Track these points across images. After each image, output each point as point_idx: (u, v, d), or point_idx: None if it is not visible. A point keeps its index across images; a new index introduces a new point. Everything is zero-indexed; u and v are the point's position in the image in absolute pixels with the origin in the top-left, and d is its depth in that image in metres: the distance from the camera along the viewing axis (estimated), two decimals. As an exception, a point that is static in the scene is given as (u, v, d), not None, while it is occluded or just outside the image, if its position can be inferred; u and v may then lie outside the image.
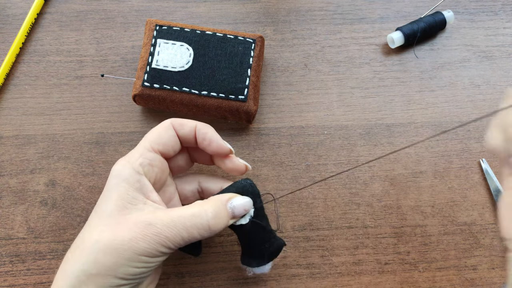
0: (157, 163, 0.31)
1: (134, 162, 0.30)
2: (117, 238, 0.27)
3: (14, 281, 0.37)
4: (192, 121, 0.33)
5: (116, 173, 0.30)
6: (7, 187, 0.40)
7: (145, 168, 0.30)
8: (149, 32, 0.41)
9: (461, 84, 0.45)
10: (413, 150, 0.42)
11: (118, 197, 0.29)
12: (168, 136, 0.32)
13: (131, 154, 0.31)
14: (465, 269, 0.38)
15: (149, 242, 0.27)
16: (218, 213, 0.29)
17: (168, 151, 0.32)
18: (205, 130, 0.33)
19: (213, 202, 0.30)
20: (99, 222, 0.28)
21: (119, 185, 0.29)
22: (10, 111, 0.43)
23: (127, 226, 0.27)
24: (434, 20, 0.46)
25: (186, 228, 0.28)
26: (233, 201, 0.30)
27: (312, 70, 0.46)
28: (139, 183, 0.29)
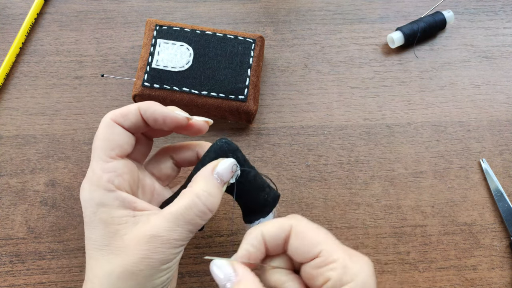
0: (123, 169, 0.28)
1: (100, 181, 0.27)
2: (128, 262, 0.26)
3: (14, 281, 0.37)
4: (132, 105, 0.29)
5: (86, 199, 0.27)
6: (7, 187, 0.40)
7: (115, 182, 0.27)
8: (149, 32, 0.41)
9: (461, 84, 0.45)
10: (413, 150, 0.42)
11: (104, 224, 0.27)
12: (117, 135, 0.28)
13: (91, 173, 0.28)
14: (465, 269, 0.38)
15: (162, 252, 0.26)
16: (209, 191, 0.28)
17: (125, 150, 0.29)
18: (151, 110, 0.29)
19: (200, 183, 0.28)
20: (100, 253, 0.27)
21: (98, 212, 0.27)
22: (10, 111, 0.43)
23: (131, 248, 0.26)
24: (434, 20, 0.46)
25: (188, 221, 0.27)
26: (217, 170, 0.28)
27: (312, 70, 0.46)
28: (118, 200, 0.27)
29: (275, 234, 0.27)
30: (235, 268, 0.27)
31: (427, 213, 0.40)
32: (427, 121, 0.44)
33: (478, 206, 0.41)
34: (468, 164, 0.42)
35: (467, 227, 0.40)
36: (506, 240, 0.39)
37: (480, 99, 0.45)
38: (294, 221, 0.27)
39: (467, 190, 0.41)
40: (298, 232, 0.27)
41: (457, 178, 0.41)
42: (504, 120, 0.44)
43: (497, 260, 0.39)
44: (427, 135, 0.43)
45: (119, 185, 0.28)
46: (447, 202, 0.41)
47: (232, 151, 0.30)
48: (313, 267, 0.26)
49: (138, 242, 0.26)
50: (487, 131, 0.43)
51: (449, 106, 0.44)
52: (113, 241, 0.26)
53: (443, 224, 0.40)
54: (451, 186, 0.41)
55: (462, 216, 0.40)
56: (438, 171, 0.42)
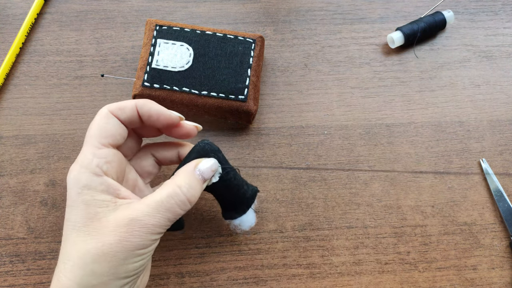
0: (113, 157, 0.30)
1: (90, 165, 0.28)
2: (105, 243, 0.26)
3: (14, 281, 0.37)
4: (129, 101, 0.31)
5: (73, 181, 0.28)
6: (7, 187, 0.40)
7: (103, 168, 0.29)
8: (149, 32, 0.41)
9: (461, 84, 0.45)
10: (413, 150, 0.42)
11: (86, 205, 0.28)
12: (112, 125, 0.30)
13: (82, 157, 0.29)
14: (465, 269, 0.38)
15: (139, 236, 0.27)
16: (190, 184, 0.29)
17: (117, 141, 0.31)
18: (147, 107, 0.31)
19: (182, 176, 0.30)
20: (77, 233, 0.27)
21: (82, 193, 0.28)
22: (10, 111, 0.43)
23: (109, 229, 0.27)
24: (434, 20, 0.46)
25: (168, 209, 0.28)
26: (199, 167, 0.31)
27: (312, 70, 0.46)
28: (103, 185, 0.28)
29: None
30: None
31: (427, 213, 0.40)
32: (427, 121, 0.44)
33: (478, 206, 0.41)
34: (468, 164, 0.42)
35: (467, 227, 0.40)
36: (506, 240, 0.39)
37: (480, 99, 0.45)
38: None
39: (467, 190, 0.41)
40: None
41: (457, 178, 0.41)
42: (504, 120, 0.44)
43: (497, 260, 0.39)
44: (427, 135, 0.43)
45: (106, 171, 0.29)
46: (447, 202, 0.41)
47: (213, 152, 0.32)
48: None
49: (117, 224, 0.27)
50: (487, 131, 0.43)
51: (449, 106, 0.44)
52: (91, 222, 0.27)
53: (443, 224, 0.40)
54: (451, 186, 0.41)
55: (462, 216, 0.40)
56: (438, 171, 0.42)
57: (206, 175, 0.31)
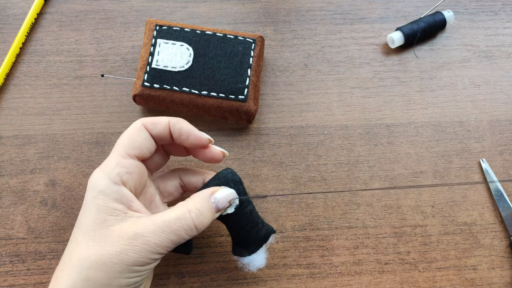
0: (135, 169, 0.30)
1: (111, 172, 0.29)
2: (105, 253, 0.27)
3: (14, 281, 0.37)
4: (163, 117, 0.32)
5: (92, 185, 0.29)
6: (7, 187, 0.40)
7: (123, 177, 0.29)
8: (149, 32, 0.41)
9: (461, 84, 0.45)
10: (413, 150, 0.42)
11: (97, 210, 0.28)
12: (142, 138, 0.31)
13: (106, 163, 0.30)
14: (465, 269, 0.38)
15: (139, 252, 0.27)
16: (201, 211, 0.29)
17: (144, 154, 0.31)
18: (179, 125, 0.32)
19: (196, 200, 0.30)
20: (83, 237, 0.28)
21: (97, 197, 0.28)
22: (10, 111, 0.43)
23: (113, 239, 0.27)
24: (434, 20, 0.46)
25: (173, 231, 0.28)
26: (216, 195, 0.30)
27: (312, 70, 0.46)
28: (118, 194, 0.29)
29: None
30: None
31: (427, 213, 0.40)
32: (427, 121, 0.44)
33: (478, 206, 0.41)
34: (468, 164, 0.42)
35: (467, 227, 0.40)
36: (506, 240, 0.39)
37: (480, 99, 0.45)
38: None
39: (467, 190, 0.41)
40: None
41: (457, 178, 0.41)
42: (504, 120, 0.44)
43: (497, 260, 0.39)
44: (427, 135, 0.43)
45: (125, 181, 0.29)
46: (447, 202, 0.41)
47: (234, 182, 0.31)
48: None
49: (121, 236, 0.27)
50: (487, 131, 0.43)
51: (449, 106, 0.44)
52: (99, 228, 0.28)
53: (443, 224, 0.40)
54: (451, 186, 0.41)
55: (462, 216, 0.40)
56: (438, 171, 0.42)
57: (221, 205, 0.30)
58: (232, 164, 0.41)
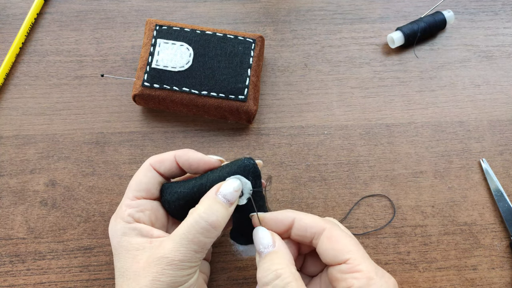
0: (147, 206, 0.31)
1: (123, 215, 0.30)
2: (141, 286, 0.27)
3: (14, 281, 0.37)
4: (169, 153, 0.32)
5: (113, 232, 0.31)
6: (7, 187, 0.40)
7: (135, 216, 0.30)
8: (149, 32, 0.41)
9: (461, 84, 0.45)
10: (413, 150, 0.42)
11: (125, 251, 0.29)
12: (148, 179, 0.32)
13: (118, 209, 0.31)
14: (465, 269, 0.38)
15: (169, 274, 0.27)
16: (211, 209, 0.28)
17: (152, 194, 0.32)
18: (186, 157, 0.32)
19: (204, 202, 0.29)
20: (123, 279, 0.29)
21: (121, 240, 0.30)
22: (10, 111, 0.43)
23: (144, 271, 0.28)
24: (434, 20, 0.46)
25: (191, 241, 0.28)
26: (221, 191, 0.29)
27: (312, 70, 0.46)
28: (136, 230, 0.30)
29: (306, 226, 0.29)
30: (274, 239, 0.29)
31: (427, 213, 0.40)
32: (427, 121, 0.44)
33: (478, 206, 0.41)
34: (468, 164, 0.42)
35: (467, 227, 0.40)
36: (506, 240, 0.39)
37: (480, 99, 0.45)
38: (327, 224, 0.29)
39: (467, 190, 0.41)
40: (331, 236, 0.28)
41: (457, 178, 0.41)
42: (504, 120, 0.44)
43: (497, 260, 0.39)
44: (427, 135, 0.43)
45: (139, 219, 0.31)
46: (447, 202, 0.40)
47: (254, 176, 0.31)
48: (338, 271, 0.27)
49: (149, 265, 0.28)
50: (487, 131, 0.43)
51: (449, 106, 0.44)
52: (131, 266, 0.28)
53: (443, 224, 0.40)
54: (451, 186, 0.41)
55: (462, 216, 0.40)
56: (438, 171, 0.42)
57: (231, 197, 0.29)
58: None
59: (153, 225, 0.31)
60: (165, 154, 0.32)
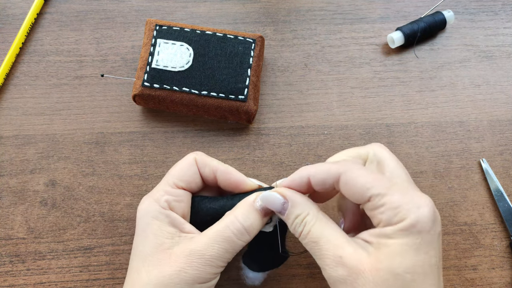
0: (183, 198, 0.31)
1: (160, 199, 0.30)
2: (165, 274, 0.27)
3: (14, 281, 0.37)
4: (214, 161, 0.32)
5: (144, 212, 0.30)
6: (7, 187, 0.40)
7: (171, 204, 0.30)
8: (149, 32, 0.41)
9: (461, 84, 0.45)
10: (413, 150, 0.42)
11: (154, 235, 0.29)
12: (191, 173, 0.32)
13: (155, 191, 0.31)
14: (465, 269, 0.38)
15: (197, 268, 0.27)
16: (247, 214, 0.29)
17: (191, 188, 0.32)
18: (228, 175, 0.32)
19: (241, 206, 0.30)
20: (143, 263, 0.28)
21: (151, 223, 0.29)
22: (10, 111, 0.43)
23: (171, 260, 0.28)
24: (434, 20, 0.46)
25: (225, 239, 0.28)
26: (259, 198, 0.30)
27: (312, 70, 0.46)
28: (169, 218, 0.30)
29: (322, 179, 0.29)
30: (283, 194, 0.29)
31: (427, 213, 0.40)
32: (427, 121, 0.44)
33: (478, 206, 0.41)
34: (468, 164, 0.42)
35: (467, 227, 0.40)
36: (506, 240, 0.39)
37: (480, 99, 0.45)
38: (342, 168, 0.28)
39: (467, 190, 0.41)
40: (346, 181, 0.28)
41: (457, 178, 0.41)
42: (504, 120, 0.44)
43: (497, 260, 0.39)
44: (427, 135, 0.43)
45: (174, 208, 0.30)
46: (447, 202, 0.40)
47: None
48: (367, 209, 0.27)
49: (178, 256, 0.28)
50: (487, 131, 0.43)
51: (449, 106, 0.44)
52: (157, 252, 0.28)
53: (443, 224, 0.40)
54: (451, 186, 0.41)
55: (462, 216, 0.40)
56: (438, 171, 0.42)
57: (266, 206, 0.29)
58: (232, 164, 0.41)
59: (184, 218, 0.31)
60: (210, 159, 0.32)
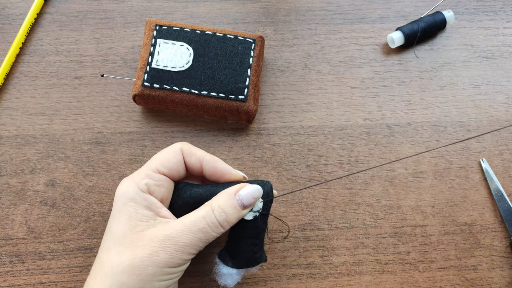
0: (164, 183, 0.31)
1: (140, 182, 0.30)
2: (137, 256, 0.27)
3: (14, 281, 0.37)
4: (200, 151, 0.33)
5: (121, 193, 0.30)
6: (7, 187, 0.40)
7: (151, 188, 0.30)
8: (149, 32, 0.41)
9: (461, 84, 0.45)
10: (413, 150, 0.42)
11: (128, 216, 0.29)
12: (176, 160, 0.32)
13: (136, 174, 0.31)
14: (465, 269, 0.38)
15: (170, 253, 0.27)
16: (224, 208, 0.29)
17: (173, 175, 0.32)
18: (214, 164, 0.32)
19: (220, 198, 0.30)
20: (114, 244, 0.28)
21: (127, 204, 0.29)
22: (10, 111, 0.43)
23: (144, 243, 0.28)
24: (434, 20, 0.46)
25: (200, 230, 0.28)
26: (241, 193, 0.30)
27: (312, 70, 0.46)
28: (146, 201, 0.30)
29: None
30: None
31: (427, 213, 0.40)
32: (427, 121, 0.44)
33: (478, 206, 0.41)
34: (468, 164, 0.42)
35: (467, 227, 0.40)
36: (506, 240, 0.39)
37: (480, 99, 0.45)
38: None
39: (467, 190, 0.41)
40: None
41: (457, 178, 0.41)
42: (504, 120, 0.44)
43: (497, 260, 0.39)
44: (427, 135, 0.43)
45: (153, 191, 0.30)
46: (447, 202, 0.40)
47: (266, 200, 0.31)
48: None
49: (152, 239, 0.28)
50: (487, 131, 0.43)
51: (449, 106, 0.44)
52: (130, 234, 0.28)
53: (443, 224, 0.40)
54: (451, 186, 0.41)
55: (462, 216, 0.40)
56: (438, 171, 0.42)
57: (246, 201, 0.30)
58: (232, 164, 0.41)
59: (163, 203, 0.31)
60: (196, 149, 0.33)
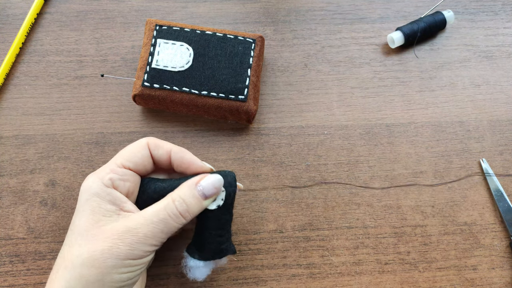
0: (129, 178, 0.31)
1: (104, 177, 0.30)
2: (97, 249, 0.27)
3: (14, 281, 0.37)
4: (168, 144, 0.33)
5: (86, 188, 0.30)
6: (7, 187, 0.40)
7: (115, 183, 0.30)
8: (149, 32, 0.41)
9: (461, 84, 0.45)
10: (413, 150, 0.42)
11: (91, 211, 0.29)
12: (141, 155, 0.32)
13: (101, 169, 0.31)
14: (465, 269, 0.38)
15: (130, 244, 0.27)
16: (185, 199, 0.30)
17: (139, 169, 0.32)
18: (181, 154, 0.32)
19: (181, 189, 0.30)
20: (76, 238, 0.28)
21: (90, 199, 0.29)
22: (10, 111, 0.43)
23: (104, 236, 0.28)
24: (434, 20, 0.46)
25: (161, 220, 0.29)
26: (202, 183, 0.30)
27: (312, 70, 0.46)
28: (110, 196, 0.29)
29: None
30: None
31: (427, 213, 0.40)
32: (427, 121, 0.44)
33: (478, 206, 0.41)
34: (468, 164, 0.42)
35: (467, 227, 0.40)
36: (506, 240, 0.39)
37: (480, 99, 0.45)
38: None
39: (467, 190, 0.41)
40: None
41: (457, 178, 0.41)
42: (504, 120, 0.44)
43: (497, 260, 0.39)
44: (427, 135, 0.43)
45: (117, 186, 0.30)
46: (447, 202, 0.40)
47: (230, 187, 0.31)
48: None
49: (113, 233, 0.28)
50: (487, 131, 0.43)
51: (449, 106, 0.44)
52: (92, 228, 0.28)
53: (443, 224, 0.40)
54: (451, 186, 0.41)
55: (462, 216, 0.40)
56: (438, 171, 0.42)
57: (207, 192, 0.30)
58: (232, 164, 0.41)
59: (128, 197, 0.31)
60: (163, 142, 0.33)
